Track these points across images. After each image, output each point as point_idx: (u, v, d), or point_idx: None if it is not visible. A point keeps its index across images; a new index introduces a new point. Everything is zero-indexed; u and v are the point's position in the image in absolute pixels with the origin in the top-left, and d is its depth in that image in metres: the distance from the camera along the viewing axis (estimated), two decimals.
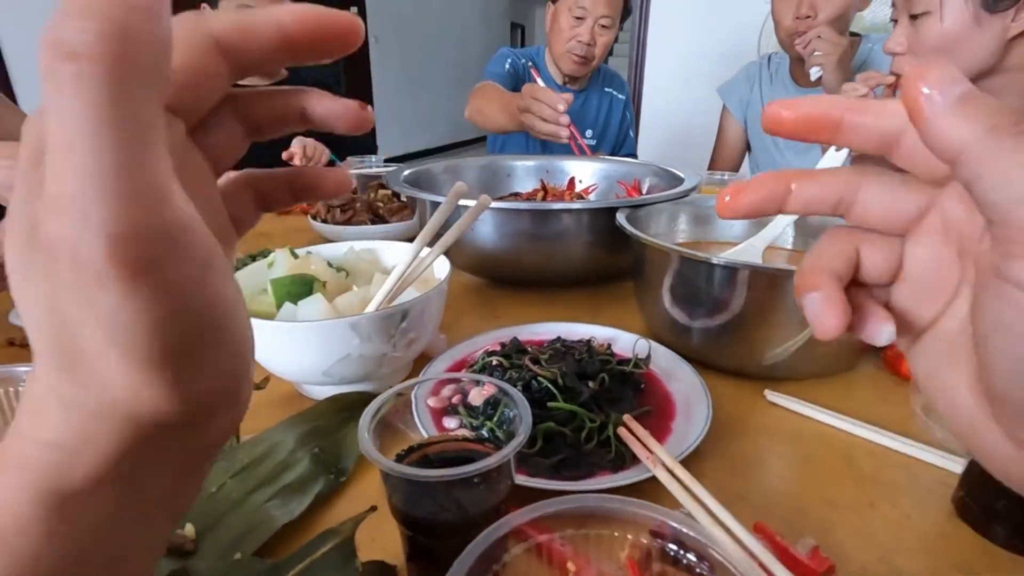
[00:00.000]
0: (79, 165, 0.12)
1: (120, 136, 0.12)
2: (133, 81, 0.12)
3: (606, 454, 0.39)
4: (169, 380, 0.14)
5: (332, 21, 0.17)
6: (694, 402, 0.45)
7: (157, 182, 0.13)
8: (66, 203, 0.12)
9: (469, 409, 0.42)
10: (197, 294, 0.14)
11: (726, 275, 0.50)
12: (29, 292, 0.14)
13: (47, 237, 0.13)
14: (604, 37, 1.35)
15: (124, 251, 0.12)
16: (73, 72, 0.11)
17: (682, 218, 0.69)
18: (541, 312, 0.67)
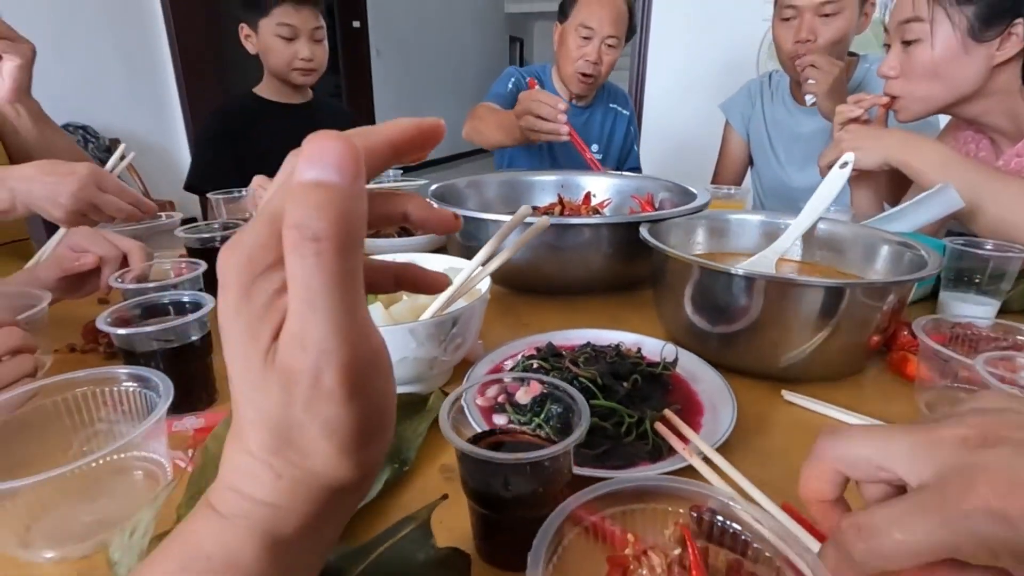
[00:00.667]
0: (322, 318, 0.17)
1: (346, 293, 0.17)
2: (352, 249, 0.17)
3: (644, 446, 0.43)
4: (358, 459, 0.20)
5: (425, 126, 0.23)
6: (719, 401, 0.50)
7: (366, 320, 0.19)
8: (310, 343, 0.17)
9: (516, 407, 0.46)
10: (384, 398, 0.20)
11: (745, 285, 0.54)
12: (258, 397, 0.19)
13: (289, 364, 0.18)
14: (610, 56, 1.41)
15: (349, 377, 0.18)
16: (315, 250, 0.16)
17: (698, 231, 0.74)
18: (565, 319, 0.71)
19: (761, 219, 0.74)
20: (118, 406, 0.43)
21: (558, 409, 0.43)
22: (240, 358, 0.19)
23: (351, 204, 0.17)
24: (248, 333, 0.19)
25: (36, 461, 0.42)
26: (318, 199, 0.17)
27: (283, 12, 1.27)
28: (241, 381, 0.19)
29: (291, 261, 0.17)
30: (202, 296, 0.53)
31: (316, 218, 0.16)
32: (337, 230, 0.17)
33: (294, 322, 0.18)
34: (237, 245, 0.19)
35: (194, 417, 0.47)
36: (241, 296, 0.19)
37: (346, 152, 0.17)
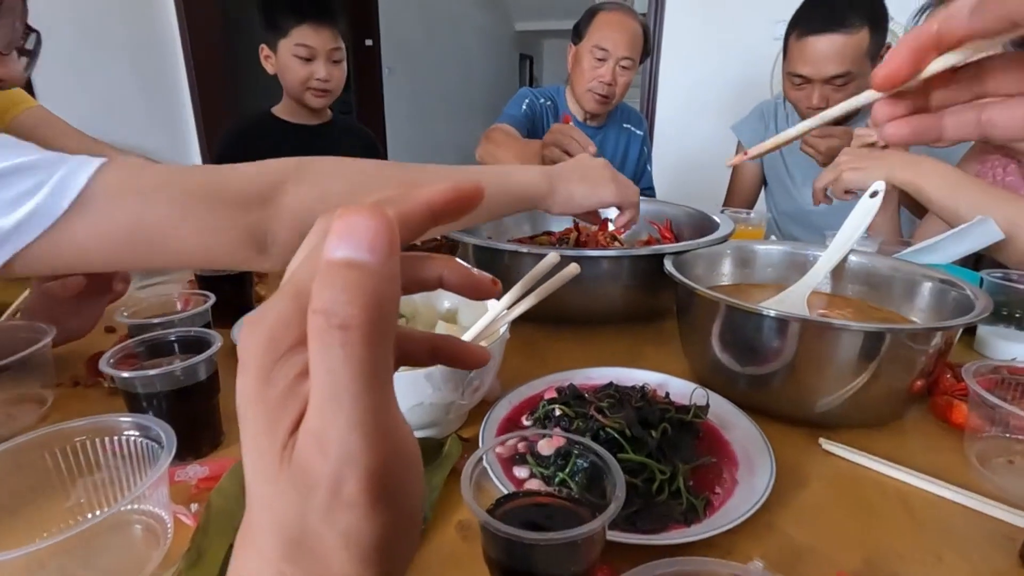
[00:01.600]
0: (347, 418, 0.15)
1: (375, 389, 0.15)
2: (384, 339, 0.16)
3: (678, 506, 0.40)
4: (381, 568, 0.17)
5: (464, 191, 0.20)
6: (754, 452, 0.47)
7: (396, 417, 0.17)
8: (332, 445, 0.15)
9: (538, 458, 0.43)
10: (412, 504, 0.18)
11: (777, 326, 0.51)
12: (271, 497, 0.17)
13: (307, 466, 0.16)
14: (624, 77, 1.40)
15: (375, 485, 0.16)
16: (342, 339, 0.15)
17: (724, 262, 0.71)
18: (584, 353, 0.69)
19: (788, 250, 0.71)
20: (119, 453, 0.41)
21: (584, 463, 0.40)
22: (254, 451, 0.17)
23: (384, 287, 0.15)
24: (265, 423, 0.17)
25: (33, 512, 0.40)
26: (347, 281, 0.15)
27: (302, 33, 1.27)
28: (254, 476, 0.17)
29: (315, 350, 0.15)
30: (209, 334, 0.51)
31: (345, 303, 0.15)
32: (368, 317, 0.15)
33: (314, 419, 0.16)
34: (259, 322, 0.17)
35: (198, 465, 0.45)
36: (260, 380, 0.17)
37: (380, 228, 0.15)
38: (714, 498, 0.42)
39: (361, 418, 0.15)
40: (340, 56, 1.34)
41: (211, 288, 0.67)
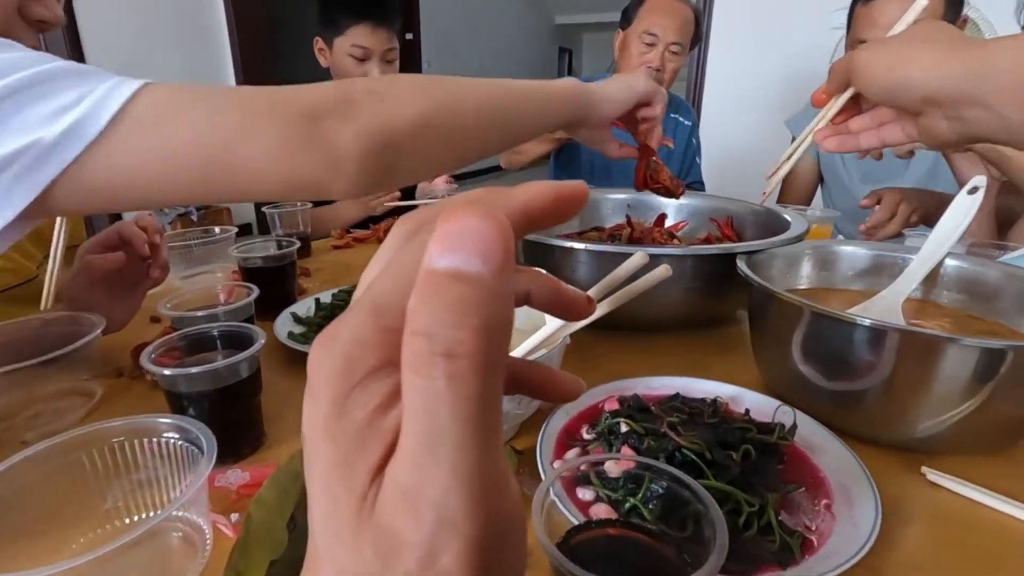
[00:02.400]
0: (448, 473, 0.12)
1: (484, 434, 0.12)
2: (495, 372, 0.12)
3: (768, 543, 0.35)
4: None
5: (566, 192, 0.17)
6: (850, 482, 0.41)
7: (505, 472, 0.13)
8: (428, 507, 0.12)
9: (604, 479, 0.39)
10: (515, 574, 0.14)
11: (873, 337, 0.45)
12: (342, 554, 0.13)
13: (393, 527, 0.12)
14: (673, 63, 1.35)
15: (477, 558, 0.12)
16: (448, 371, 0.11)
17: (802, 263, 0.65)
18: (643, 362, 0.64)
19: (875, 252, 0.64)
20: (157, 455, 0.39)
21: (659, 488, 0.35)
22: (326, 497, 0.14)
23: (499, 309, 0.12)
24: (339, 465, 0.13)
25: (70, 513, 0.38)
26: (455, 298, 0.12)
27: (358, 33, 1.26)
28: (324, 527, 0.14)
29: (412, 383, 0.12)
30: (253, 329, 0.48)
31: (452, 325, 0.12)
32: (480, 346, 0.12)
33: (406, 470, 0.12)
34: (331, 341, 0.14)
35: (239, 471, 0.42)
36: (334, 411, 0.13)
37: (495, 235, 0.12)
38: (811, 536, 0.37)
39: (466, 473, 0.12)
40: (393, 56, 1.33)
41: (254, 280, 0.65)
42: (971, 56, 0.41)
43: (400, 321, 0.13)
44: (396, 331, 0.14)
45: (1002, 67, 0.40)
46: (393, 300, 0.14)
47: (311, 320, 0.68)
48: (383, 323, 0.14)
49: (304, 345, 0.61)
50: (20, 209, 0.37)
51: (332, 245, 1.10)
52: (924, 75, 0.43)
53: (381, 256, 0.17)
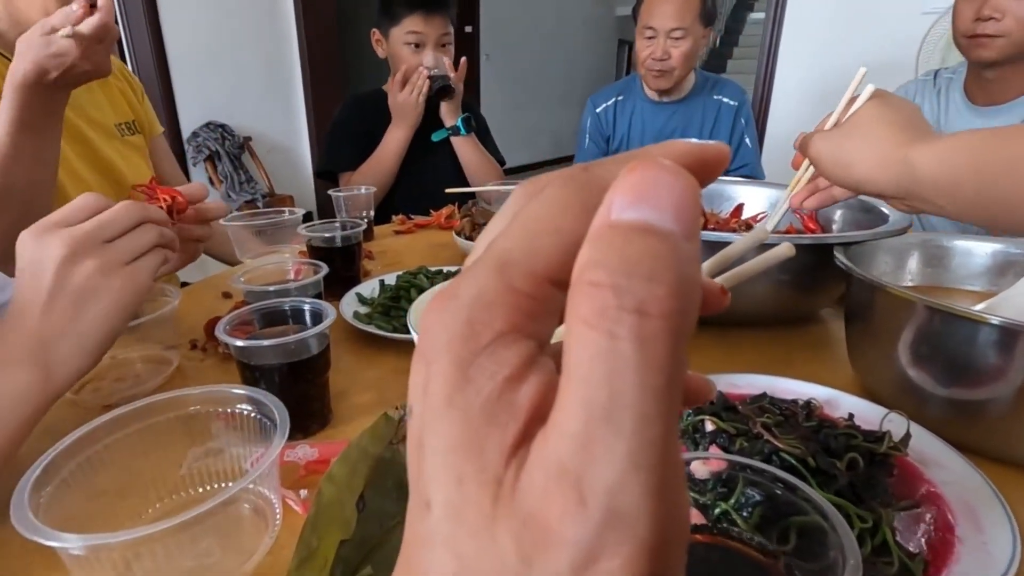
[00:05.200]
0: (626, 448, 0.10)
1: (669, 409, 0.10)
2: (685, 341, 0.10)
3: (886, 566, 0.31)
4: None
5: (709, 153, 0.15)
6: (978, 503, 0.36)
7: (681, 463, 0.11)
8: (596, 495, 0.10)
9: (690, 480, 0.36)
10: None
11: (1002, 338, 0.40)
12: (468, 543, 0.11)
13: (541, 518, 0.10)
14: (679, 48, 1.34)
15: (647, 564, 0.10)
16: (639, 330, 0.10)
17: (910, 258, 0.58)
18: (723, 355, 0.59)
19: (994, 247, 0.57)
20: (231, 425, 0.38)
21: (756, 495, 0.32)
22: (447, 475, 0.12)
23: (694, 272, 0.10)
24: (466, 440, 0.11)
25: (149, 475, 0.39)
26: (649, 253, 0.10)
27: (413, 21, 1.27)
28: (445, 510, 0.12)
29: (586, 341, 0.10)
30: (324, 306, 0.48)
31: (646, 278, 0.10)
32: (676, 306, 0.10)
33: (569, 450, 0.10)
34: (450, 300, 0.12)
35: (307, 447, 0.42)
36: (457, 378, 0.11)
37: (688, 192, 0.11)
38: (932, 560, 0.32)
39: (649, 458, 0.10)
40: (448, 40, 1.33)
41: (321, 260, 0.65)
42: (901, 161, 0.48)
43: (532, 284, 0.12)
44: (524, 294, 0.12)
45: (925, 172, 0.47)
46: (522, 259, 0.12)
47: (376, 301, 0.67)
48: (510, 283, 0.12)
49: (369, 325, 0.61)
50: None
51: (394, 230, 1.10)
52: (868, 176, 0.51)
53: (504, 214, 0.15)
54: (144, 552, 0.29)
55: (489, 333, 0.12)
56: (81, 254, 0.39)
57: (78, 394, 0.51)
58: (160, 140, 1.10)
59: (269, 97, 2.96)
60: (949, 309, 0.42)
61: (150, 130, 1.07)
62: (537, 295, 0.12)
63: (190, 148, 2.68)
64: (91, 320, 0.40)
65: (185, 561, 0.33)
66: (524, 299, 0.12)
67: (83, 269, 0.39)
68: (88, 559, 0.28)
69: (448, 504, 0.11)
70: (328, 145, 1.43)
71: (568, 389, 0.10)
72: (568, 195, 0.12)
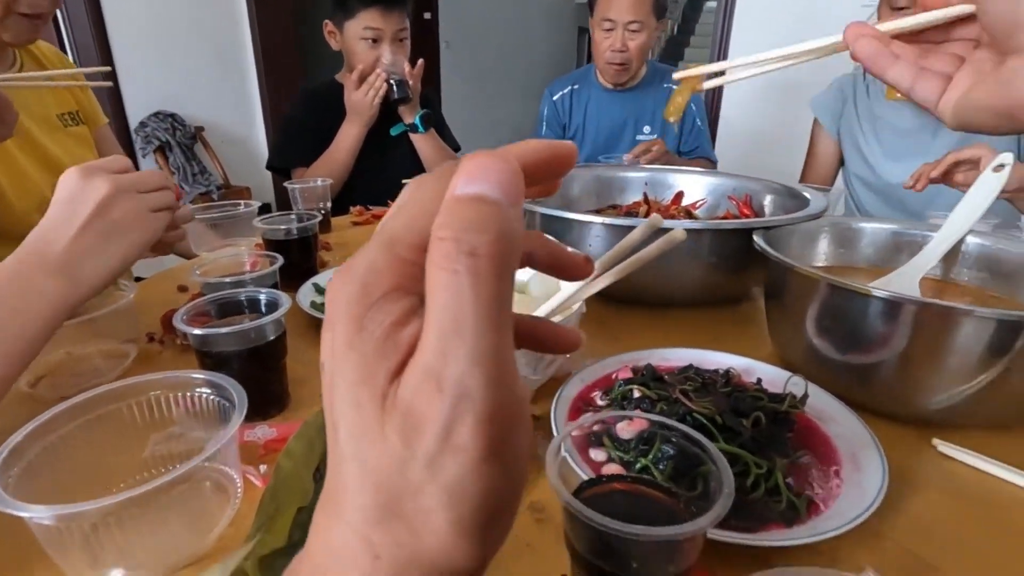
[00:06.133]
0: (469, 351, 0.14)
1: (499, 323, 0.14)
2: (509, 278, 0.15)
3: (776, 504, 0.36)
4: (480, 543, 0.15)
5: (560, 149, 0.19)
6: (859, 449, 0.42)
7: (514, 362, 0.15)
8: (449, 382, 0.14)
9: (616, 442, 0.40)
10: (521, 466, 0.16)
11: (888, 310, 0.46)
12: (367, 448, 0.15)
13: (415, 407, 0.14)
14: (636, 40, 1.39)
15: (491, 430, 0.14)
16: (472, 266, 0.14)
17: (820, 240, 0.64)
18: (661, 335, 0.64)
19: (895, 229, 0.64)
20: (191, 410, 0.41)
21: (670, 451, 0.36)
22: (350, 404, 0.15)
23: (514, 227, 0.15)
24: (362, 372, 0.15)
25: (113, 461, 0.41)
26: (478, 212, 0.14)
27: (370, 16, 1.25)
28: (350, 432, 0.16)
29: (437, 278, 0.14)
30: (279, 295, 0.50)
31: (476, 231, 0.14)
32: (499, 249, 0.14)
33: (429, 355, 0.14)
34: (348, 272, 0.16)
35: (266, 427, 0.44)
36: (353, 329, 0.15)
37: (510, 172, 0.15)
38: (818, 499, 0.38)
39: (484, 356, 0.14)
40: (405, 35, 1.32)
41: (277, 252, 0.66)
42: None
43: (412, 252, 0.16)
44: (408, 261, 0.16)
45: None
46: (404, 235, 0.16)
47: None
48: (395, 253, 0.16)
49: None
50: None
51: (352, 221, 1.11)
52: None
53: (396, 204, 0.18)
54: (112, 522, 0.31)
55: (379, 291, 0.16)
56: (123, 195, 0.48)
57: (35, 388, 0.52)
58: (105, 130, 1.08)
59: (221, 86, 2.88)
60: (844, 285, 0.47)
61: (94, 120, 1.04)
62: (417, 261, 0.15)
63: (138, 139, 2.59)
64: (116, 247, 0.48)
65: (152, 535, 0.35)
66: (407, 265, 0.16)
67: (123, 206, 0.48)
68: (58, 530, 0.30)
69: (351, 425, 0.15)
70: (280, 140, 1.42)
71: (429, 314, 0.14)
72: (440, 187, 0.16)
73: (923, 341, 0.45)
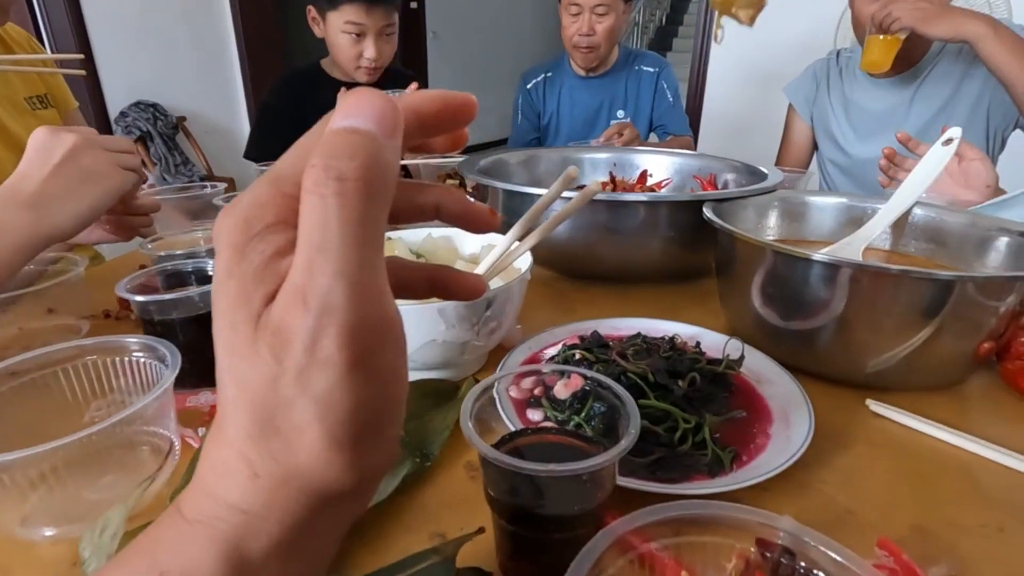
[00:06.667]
0: (332, 267, 0.14)
1: (366, 243, 0.15)
2: (379, 201, 0.15)
3: (702, 457, 0.37)
4: (354, 457, 0.16)
5: (453, 100, 0.20)
6: (791, 408, 0.43)
7: (382, 283, 0.16)
8: (313, 297, 0.15)
9: (553, 402, 0.41)
10: (393, 380, 0.16)
11: (826, 274, 0.47)
12: (242, 367, 0.16)
13: (283, 324, 0.15)
14: (603, 23, 1.38)
15: (354, 343, 0.15)
16: (338, 189, 0.15)
17: (771, 214, 0.65)
18: (616, 308, 0.65)
19: (844, 202, 0.65)
20: (131, 377, 0.41)
21: (601, 408, 0.37)
22: (227, 326, 0.16)
23: (386, 155, 0.16)
24: (239, 296, 0.16)
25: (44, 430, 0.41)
26: (350, 142, 0.15)
27: (353, 11, 1.20)
28: (227, 353, 0.16)
29: (306, 201, 0.15)
30: None
31: (345, 157, 0.15)
32: (367, 174, 0.15)
33: (297, 273, 0.15)
34: (233, 207, 0.17)
35: (210, 393, 0.44)
36: (234, 257, 0.16)
37: (387, 107, 0.16)
38: (745, 453, 0.39)
39: (348, 269, 0.15)
40: (392, 31, 1.27)
41: None
42: None
43: (296, 189, 0.16)
44: (291, 196, 0.16)
45: None
46: (289, 172, 0.17)
47: None
48: (280, 189, 0.16)
49: None
50: None
51: None
52: None
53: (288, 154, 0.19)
54: (48, 475, 0.31)
55: (261, 224, 0.16)
56: (90, 146, 0.52)
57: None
58: (76, 114, 1.07)
59: (203, 75, 2.84)
60: (785, 251, 0.48)
61: (64, 104, 1.03)
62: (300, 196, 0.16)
63: (119, 129, 2.56)
64: (85, 193, 0.51)
65: (88, 492, 0.35)
66: (290, 200, 0.16)
67: (91, 154, 0.52)
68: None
69: (227, 345, 0.16)
70: (257, 130, 1.39)
71: (299, 237, 0.15)
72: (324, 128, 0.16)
73: (860, 304, 0.46)
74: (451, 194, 0.23)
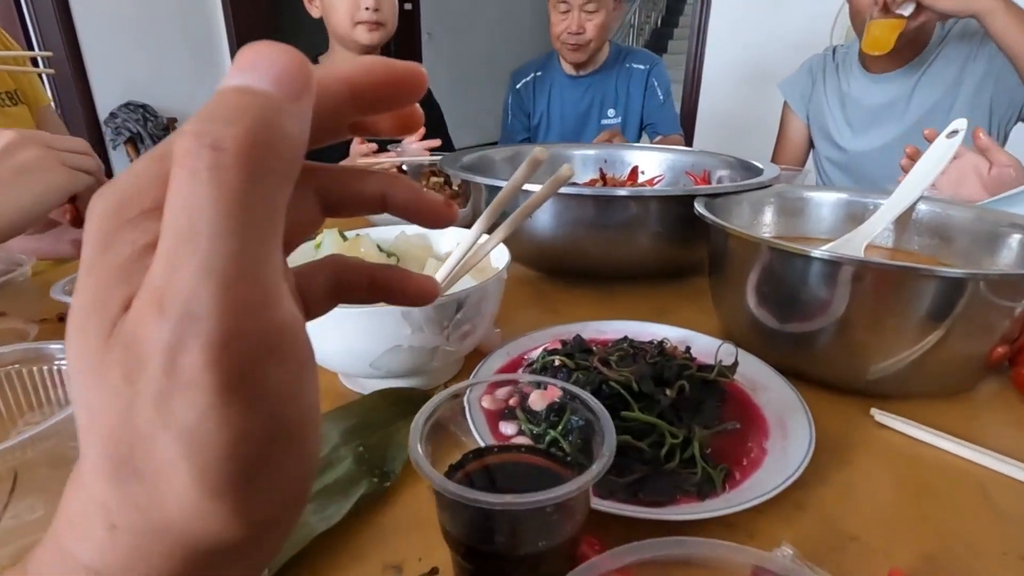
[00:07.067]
0: (200, 260, 0.11)
1: (246, 231, 0.11)
2: (269, 176, 0.12)
3: (691, 476, 0.34)
4: (238, 506, 0.12)
5: (397, 70, 0.16)
6: (789, 419, 0.39)
7: (270, 283, 0.12)
8: (173, 302, 0.11)
9: (529, 414, 0.37)
10: (289, 402, 0.13)
11: (827, 272, 0.43)
12: (94, 394, 0.12)
13: (136, 336, 0.11)
14: (593, 20, 1.35)
15: (225, 357, 0.11)
16: (211, 161, 0.11)
17: (767, 210, 0.62)
18: (603, 309, 0.62)
19: (844, 198, 0.61)
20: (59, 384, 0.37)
21: (580, 421, 0.33)
22: (77, 336, 0.12)
23: (285, 122, 0.12)
24: (95, 298, 0.12)
25: None
26: (233, 104, 0.12)
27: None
28: (76, 369, 0.12)
29: (175, 178, 0.11)
30: None
31: (224, 122, 0.11)
32: (250, 141, 0.11)
33: (159, 270, 0.11)
34: (109, 186, 0.13)
35: None
36: (99, 249, 0.12)
37: (291, 63, 0.12)
38: (738, 470, 0.35)
39: (220, 264, 0.11)
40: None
41: None
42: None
43: None
44: None
45: None
46: None
47: None
48: (165, 168, 0.13)
49: None
50: None
51: None
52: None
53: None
54: None
55: (136, 209, 0.12)
56: (28, 143, 0.49)
57: None
58: (47, 111, 1.03)
59: (194, 75, 2.81)
60: (782, 247, 0.45)
61: (35, 100, 1.00)
62: None
63: (108, 130, 2.53)
64: (25, 187, 0.49)
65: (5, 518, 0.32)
66: None
67: (27, 151, 0.49)
68: None
69: (75, 360, 0.12)
70: None
71: (164, 220, 0.11)
72: None
73: (862, 305, 0.42)
74: (399, 183, 0.19)
